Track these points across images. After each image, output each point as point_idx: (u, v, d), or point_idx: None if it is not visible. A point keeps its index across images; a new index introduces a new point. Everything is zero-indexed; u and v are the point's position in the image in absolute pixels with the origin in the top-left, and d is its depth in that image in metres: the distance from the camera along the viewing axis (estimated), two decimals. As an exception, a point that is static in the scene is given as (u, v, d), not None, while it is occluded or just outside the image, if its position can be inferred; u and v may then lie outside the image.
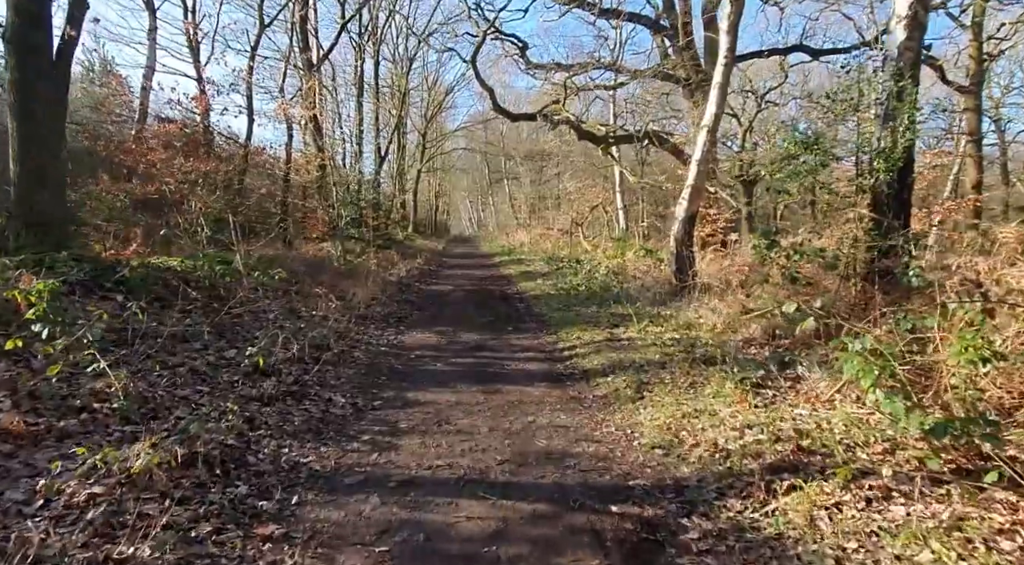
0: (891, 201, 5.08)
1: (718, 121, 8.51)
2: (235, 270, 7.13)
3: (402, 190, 29.06)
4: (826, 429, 3.23)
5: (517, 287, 11.56)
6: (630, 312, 7.34)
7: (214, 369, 4.31)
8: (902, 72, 5.01)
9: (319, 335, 5.75)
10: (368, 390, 4.63)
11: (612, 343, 6.02)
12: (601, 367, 5.18)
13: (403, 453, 3.39)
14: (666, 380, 4.52)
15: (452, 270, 15.60)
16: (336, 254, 12.09)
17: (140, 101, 14.71)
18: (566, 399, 4.44)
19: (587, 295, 9.40)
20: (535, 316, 8.20)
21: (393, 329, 7.23)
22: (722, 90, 8.40)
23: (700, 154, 8.50)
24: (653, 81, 16.73)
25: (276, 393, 4.06)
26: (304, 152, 15.75)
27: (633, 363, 5.14)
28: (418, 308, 8.97)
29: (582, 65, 15.84)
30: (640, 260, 13.48)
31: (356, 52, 21.30)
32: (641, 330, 6.41)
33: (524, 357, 5.84)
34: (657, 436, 3.52)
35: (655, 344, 5.72)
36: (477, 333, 7.02)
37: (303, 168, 15.46)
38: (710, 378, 4.38)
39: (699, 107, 14.72)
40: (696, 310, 6.97)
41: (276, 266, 9.04)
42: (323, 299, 7.45)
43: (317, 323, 6.47)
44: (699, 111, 14.90)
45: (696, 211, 8.96)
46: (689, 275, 8.60)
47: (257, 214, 15.16)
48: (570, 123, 15.54)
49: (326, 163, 14.66)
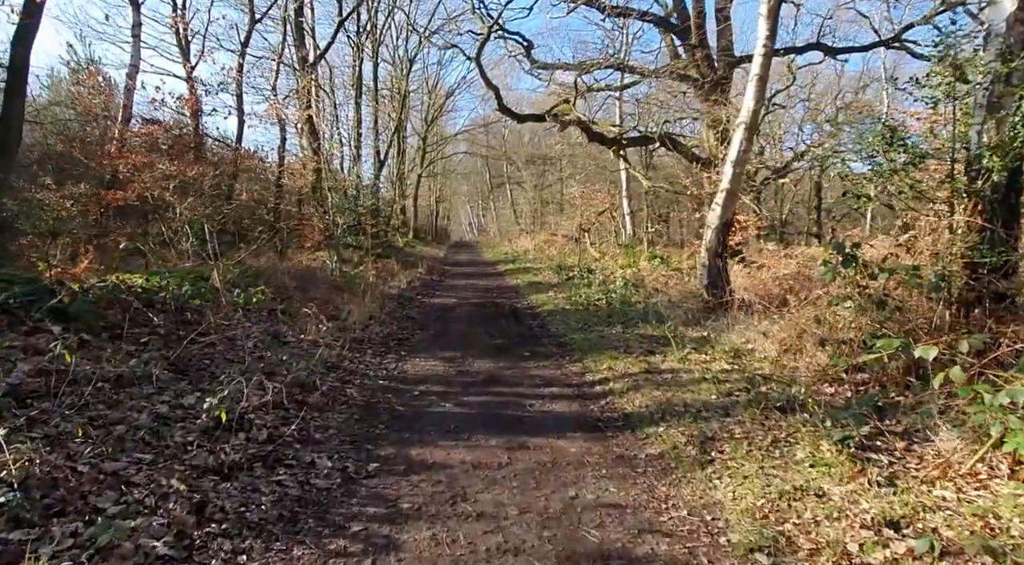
0: (998, 208, 4.17)
1: (757, 117, 7.62)
2: (211, 288, 6.22)
3: (402, 195, 28.19)
4: (1002, 529, 2.30)
5: (527, 300, 10.64)
6: (665, 335, 6.42)
7: (164, 425, 3.38)
8: (1012, 51, 4.12)
9: (305, 368, 4.83)
10: (362, 446, 3.69)
11: (652, 376, 5.09)
12: (646, 410, 4.25)
13: (407, 557, 2.46)
14: (737, 434, 3.59)
15: (455, 280, 14.68)
16: (332, 265, 11.17)
17: (124, 101, 13.83)
18: (611, 459, 3.51)
19: (608, 311, 8.48)
20: (553, 337, 7.27)
21: (393, 355, 6.30)
22: (761, 82, 7.52)
23: (736, 154, 7.61)
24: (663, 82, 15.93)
25: (241, 459, 3.12)
26: (298, 156, 14.85)
27: (686, 406, 4.21)
28: (421, 326, 8.04)
29: (589, 64, 15.02)
30: (656, 269, 12.60)
31: (354, 52, 20.47)
32: (683, 359, 5.48)
33: (548, 394, 4.91)
34: (751, 529, 2.59)
35: (705, 378, 4.80)
36: (489, 359, 6.09)
37: (297, 173, 14.58)
38: (795, 432, 3.46)
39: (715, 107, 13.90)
40: (742, 333, 6.05)
41: (263, 280, 8.14)
42: (313, 320, 6.53)
43: (305, 351, 5.54)
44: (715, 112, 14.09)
45: (731, 218, 8.05)
46: (725, 290, 7.69)
47: (248, 222, 14.30)
48: (580, 124, 14.68)
49: (321, 167, 13.77)
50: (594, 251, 18.33)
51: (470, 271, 17.37)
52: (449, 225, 49.84)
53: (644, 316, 7.72)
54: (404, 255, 19.51)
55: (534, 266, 16.66)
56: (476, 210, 50.92)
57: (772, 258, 9.11)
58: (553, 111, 14.39)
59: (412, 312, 9.23)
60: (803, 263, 8.17)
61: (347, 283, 9.93)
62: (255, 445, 3.37)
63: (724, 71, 14.55)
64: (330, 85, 23.43)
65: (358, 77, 20.37)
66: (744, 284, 8.29)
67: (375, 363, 5.87)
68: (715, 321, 7.07)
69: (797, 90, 20.24)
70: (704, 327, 6.86)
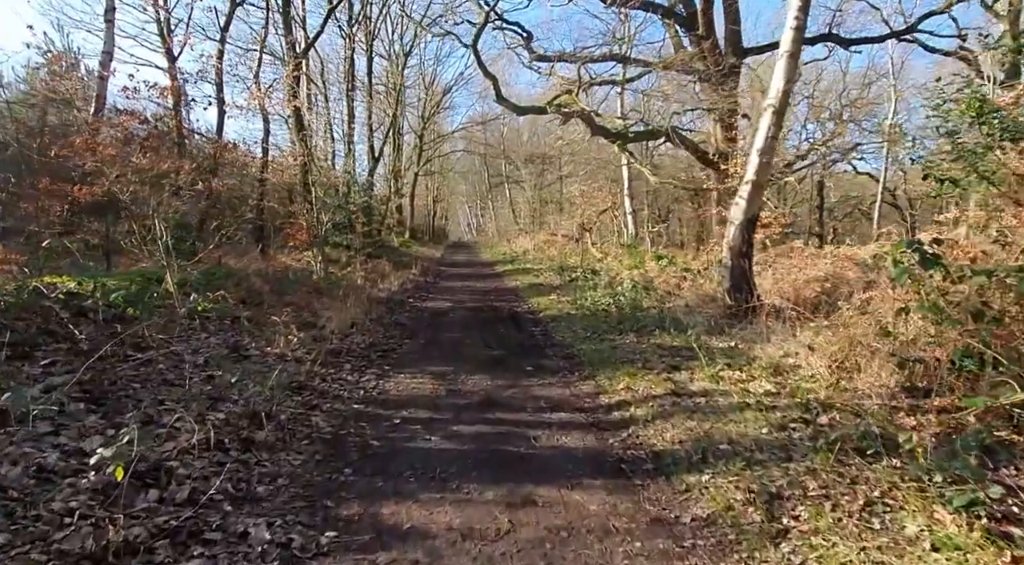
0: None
1: (786, 98, 6.77)
2: (164, 293, 5.35)
3: (398, 194, 27.30)
4: None
5: (528, 304, 9.78)
6: (687, 345, 5.58)
7: (46, 482, 2.51)
8: None
9: (262, 392, 3.96)
10: (319, 503, 2.83)
11: (681, 399, 4.23)
12: (681, 448, 3.39)
13: None
14: (812, 489, 2.73)
15: (451, 281, 13.81)
16: (316, 266, 10.31)
17: (97, 91, 12.94)
18: (645, 524, 2.65)
19: (618, 317, 7.62)
20: (558, 348, 6.41)
21: (375, 370, 5.43)
22: (792, 60, 6.67)
23: (764, 141, 6.76)
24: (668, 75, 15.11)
25: (140, 536, 2.26)
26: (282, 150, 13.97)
27: (731, 443, 3.35)
28: (410, 334, 7.18)
29: (591, 55, 14.19)
30: (664, 270, 11.76)
31: (346, 42, 19.58)
32: (715, 377, 4.63)
33: (557, 421, 4.05)
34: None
35: (747, 404, 3.94)
36: (486, 375, 5.24)
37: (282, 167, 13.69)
38: (892, 490, 2.60)
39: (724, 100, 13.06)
40: (780, 345, 5.20)
41: (233, 282, 7.28)
42: (282, 329, 5.66)
43: (268, 368, 4.69)
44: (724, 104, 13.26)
45: (758, 213, 7.20)
46: (750, 294, 6.85)
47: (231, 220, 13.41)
48: (584, 116, 13.84)
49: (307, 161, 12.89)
50: (596, 251, 17.51)
51: (467, 272, 16.50)
52: (447, 225, 48.98)
53: (660, 323, 6.86)
54: (398, 255, 18.64)
55: (534, 267, 15.80)
56: (474, 210, 50.05)
57: (798, 257, 8.26)
58: (556, 102, 13.53)
59: (402, 317, 8.37)
60: (837, 263, 7.33)
61: (330, 286, 9.07)
62: (169, 509, 2.50)
63: (733, 61, 13.74)
64: (322, 79, 22.56)
65: (349, 67, 19.49)
66: (769, 287, 7.45)
67: (352, 381, 5.00)
68: (742, 329, 6.23)
69: (801, 87, 19.56)
70: (730, 336, 6.02)
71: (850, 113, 25.75)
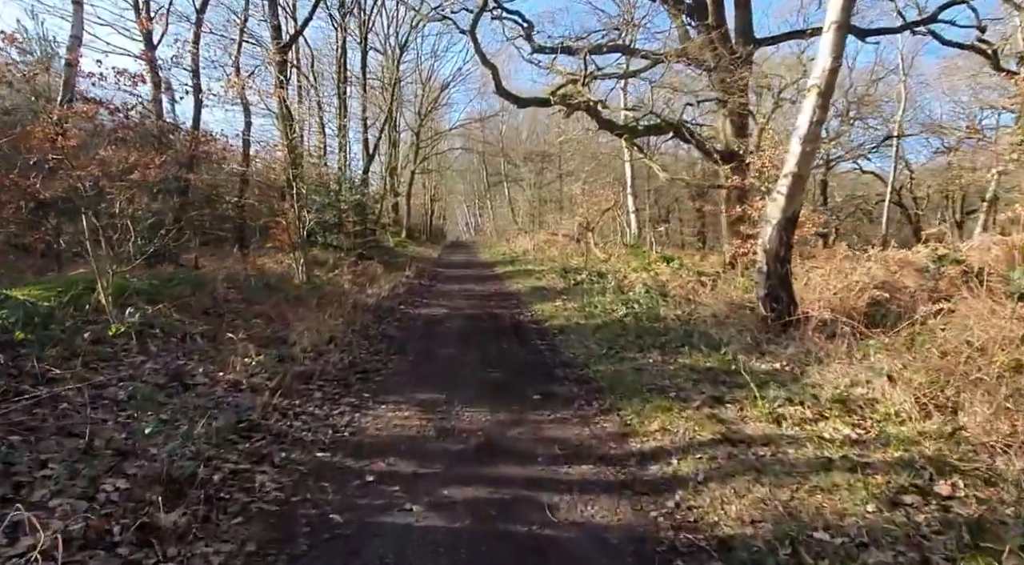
0: None
1: (834, 78, 5.83)
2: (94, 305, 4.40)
3: (394, 192, 26.31)
4: None
5: (531, 311, 8.84)
6: (725, 366, 4.67)
7: None
8: None
9: (191, 440, 3.01)
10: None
11: (736, 449, 3.28)
12: (756, 532, 2.45)
13: None
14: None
15: (447, 284, 12.86)
16: (297, 269, 9.35)
17: (64, 78, 11.95)
18: None
19: (636, 329, 6.68)
20: (569, 368, 5.47)
21: (351, 399, 4.48)
22: (840, 32, 5.74)
23: (807, 128, 5.83)
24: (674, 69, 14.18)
25: None
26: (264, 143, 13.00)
27: (828, 528, 2.41)
28: (398, 349, 6.23)
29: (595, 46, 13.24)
30: (676, 274, 10.84)
31: (337, 33, 18.59)
32: (772, 415, 3.69)
33: (578, 479, 3.11)
34: None
35: (829, 458, 3.01)
36: (485, 406, 4.29)
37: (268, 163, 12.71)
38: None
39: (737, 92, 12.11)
40: (844, 370, 4.26)
41: (199, 289, 6.33)
42: (240, 349, 4.70)
43: (215, 402, 3.74)
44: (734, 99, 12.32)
45: (798, 211, 6.25)
46: (790, 303, 5.93)
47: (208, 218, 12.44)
48: (589, 108, 12.89)
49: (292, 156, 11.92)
50: (600, 252, 16.59)
51: (465, 274, 15.54)
52: (445, 224, 47.98)
53: (687, 338, 5.93)
54: (393, 255, 17.69)
55: (535, 268, 14.85)
56: (473, 209, 49.05)
57: (836, 260, 7.30)
58: (560, 92, 12.58)
59: (390, 328, 7.42)
60: (887, 268, 6.39)
61: (311, 292, 8.11)
62: None
63: (750, 47, 12.82)
64: (312, 72, 21.56)
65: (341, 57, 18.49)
66: (809, 295, 6.52)
67: (319, 416, 4.04)
68: (784, 347, 5.31)
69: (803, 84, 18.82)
70: (774, 356, 5.09)
71: (857, 110, 24.89)
